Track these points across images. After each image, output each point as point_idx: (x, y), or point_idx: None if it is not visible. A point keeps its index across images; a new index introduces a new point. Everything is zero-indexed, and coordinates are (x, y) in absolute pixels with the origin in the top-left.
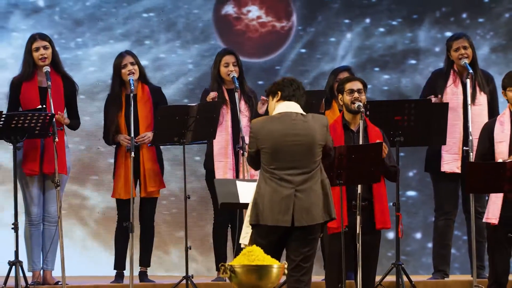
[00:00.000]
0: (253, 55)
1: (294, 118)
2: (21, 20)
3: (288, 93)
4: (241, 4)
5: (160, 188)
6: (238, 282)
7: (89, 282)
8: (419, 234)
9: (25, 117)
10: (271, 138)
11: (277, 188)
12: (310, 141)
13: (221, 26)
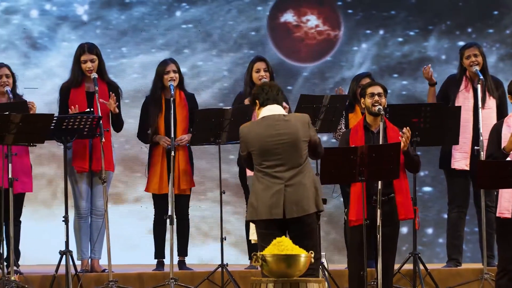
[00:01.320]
0: (307, 60)
1: (277, 119)
2: (71, 31)
3: (263, 99)
4: (300, 13)
5: (190, 186)
6: (268, 270)
7: (133, 270)
8: (433, 227)
9: (74, 120)
10: (258, 140)
11: (268, 184)
12: (294, 139)
13: (279, 32)
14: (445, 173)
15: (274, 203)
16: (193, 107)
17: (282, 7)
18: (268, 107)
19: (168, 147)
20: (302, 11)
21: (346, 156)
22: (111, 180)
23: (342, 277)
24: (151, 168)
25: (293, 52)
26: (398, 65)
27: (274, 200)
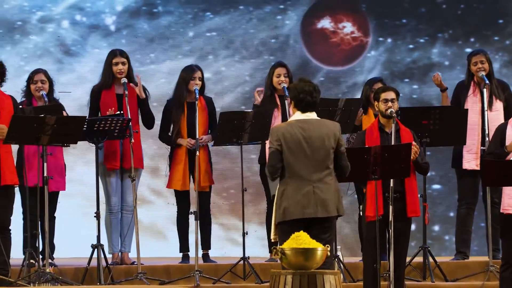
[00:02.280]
0: (338, 64)
1: (310, 123)
2: (102, 39)
3: (300, 102)
4: (337, 20)
5: (210, 184)
6: (287, 262)
7: (160, 262)
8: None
9: (105, 122)
10: (292, 142)
11: (298, 186)
12: (323, 144)
13: (315, 37)
14: (456, 172)
15: (306, 203)
16: (212, 110)
17: (319, 14)
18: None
19: (192, 147)
20: (339, 18)
21: (360, 155)
22: (140, 176)
23: (357, 269)
24: (174, 167)
25: (327, 56)
26: (408, 71)
27: (305, 201)
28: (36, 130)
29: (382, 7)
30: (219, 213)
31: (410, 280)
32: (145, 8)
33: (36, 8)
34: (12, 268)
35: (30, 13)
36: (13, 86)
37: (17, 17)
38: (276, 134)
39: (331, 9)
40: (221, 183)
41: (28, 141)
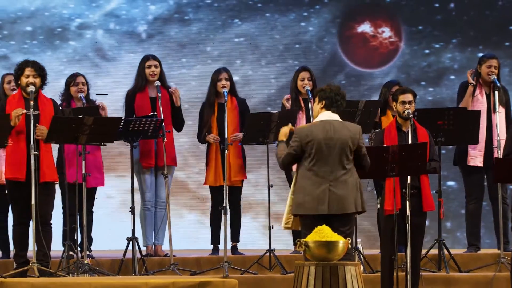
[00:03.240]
0: (373, 66)
1: (333, 124)
2: (136, 44)
3: (331, 104)
4: (377, 25)
5: (242, 178)
6: (311, 254)
7: (192, 254)
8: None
9: (140, 122)
10: (314, 141)
11: (315, 182)
12: (344, 145)
13: (355, 41)
14: (460, 169)
15: (321, 200)
16: (244, 110)
17: (360, 19)
18: (327, 112)
19: (221, 146)
20: (378, 23)
21: (379, 154)
22: (173, 173)
23: (376, 261)
24: (208, 164)
25: (365, 60)
26: (424, 74)
27: (321, 197)
28: (75, 130)
29: (401, 15)
30: (247, 207)
31: (426, 271)
32: (177, 15)
33: (75, 15)
34: (53, 259)
35: (69, 21)
36: (53, 89)
37: (57, 24)
38: (299, 135)
39: (370, 14)
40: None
41: (67, 141)
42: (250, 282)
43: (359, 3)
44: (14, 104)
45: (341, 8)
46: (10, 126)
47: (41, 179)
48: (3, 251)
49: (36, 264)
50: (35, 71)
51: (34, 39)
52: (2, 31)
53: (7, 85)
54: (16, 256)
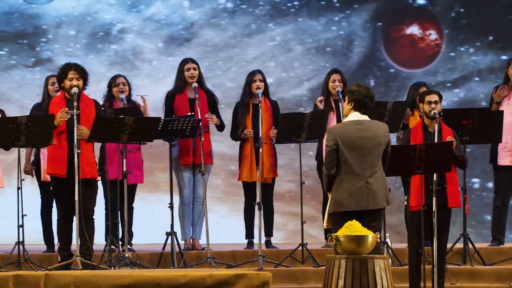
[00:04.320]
0: (415, 67)
1: (364, 123)
2: (175, 47)
3: (360, 106)
4: (424, 28)
5: (274, 176)
6: (341, 248)
7: (228, 248)
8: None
9: (178, 122)
10: (346, 140)
11: (353, 180)
12: (375, 143)
13: (402, 43)
14: (493, 167)
15: (360, 196)
16: (276, 112)
17: (408, 21)
18: (356, 113)
19: (256, 144)
20: (425, 25)
21: (406, 152)
22: (210, 171)
23: (403, 255)
24: (242, 161)
25: (409, 60)
26: (450, 76)
27: (359, 194)
28: (116, 129)
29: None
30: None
31: (451, 264)
32: (213, 20)
33: (116, 20)
34: (95, 253)
35: (111, 25)
36: (95, 91)
37: (100, 28)
38: (333, 134)
39: (419, 17)
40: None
41: (109, 140)
42: (283, 275)
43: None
44: (58, 105)
45: (370, 13)
46: (54, 126)
47: (81, 175)
48: (48, 245)
49: (79, 257)
50: (78, 74)
51: (78, 43)
52: (47, 35)
53: (51, 86)
54: (60, 249)
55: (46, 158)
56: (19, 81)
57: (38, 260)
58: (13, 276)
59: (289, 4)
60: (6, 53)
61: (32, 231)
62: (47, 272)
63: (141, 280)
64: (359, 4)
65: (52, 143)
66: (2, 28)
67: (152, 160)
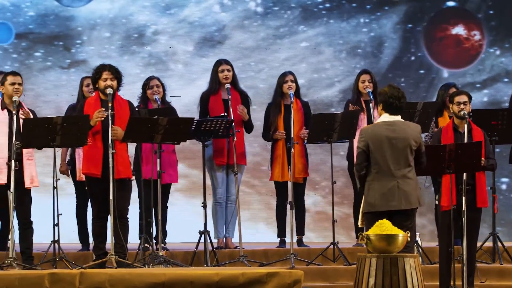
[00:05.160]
0: (455, 66)
1: (396, 124)
2: (208, 49)
3: (387, 107)
4: (469, 28)
5: (305, 176)
6: (372, 247)
7: (260, 246)
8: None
9: (211, 122)
10: (378, 141)
11: (384, 180)
12: (407, 144)
13: (447, 42)
14: None
15: (391, 196)
16: (307, 112)
17: (453, 21)
18: (386, 115)
19: (288, 144)
20: (470, 26)
21: (436, 152)
22: (243, 171)
23: (433, 253)
24: (274, 161)
25: (452, 60)
26: (480, 77)
27: (391, 194)
28: (150, 130)
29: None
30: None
31: (481, 263)
32: (246, 22)
33: (151, 22)
34: (129, 251)
35: (145, 27)
36: (129, 92)
37: (134, 30)
38: (364, 135)
39: (464, 17)
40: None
41: (143, 140)
42: (315, 273)
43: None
44: (92, 105)
45: (401, 15)
46: (90, 126)
47: (116, 175)
48: (83, 244)
49: (114, 256)
50: (112, 74)
51: (112, 45)
52: (82, 37)
53: (85, 87)
54: (95, 248)
55: (81, 158)
56: (54, 82)
57: (73, 259)
58: (48, 274)
59: (320, 6)
60: (42, 54)
61: (68, 230)
62: (82, 270)
63: (175, 279)
64: (389, 6)
65: (87, 143)
66: (38, 30)
67: (186, 160)
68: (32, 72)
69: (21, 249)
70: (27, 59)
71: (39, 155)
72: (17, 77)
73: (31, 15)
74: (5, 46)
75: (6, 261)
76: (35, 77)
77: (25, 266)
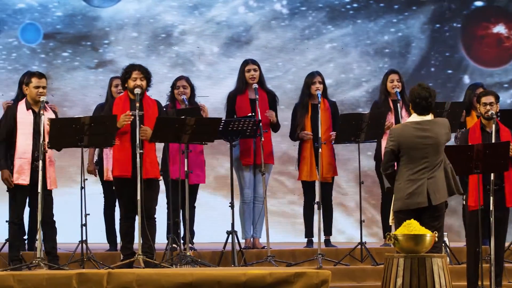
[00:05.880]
0: (493, 65)
1: (426, 123)
2: (235, 49)
3: (415, 106)
4: (510, 27)
5: (334, 175)
6: (400, 247)
7: (287, 246)
8: None
9: (238, 122)
10: (408, 140)
11: (414, 178)
12: (436, 142)
13: (486, 40)
14: None
15: (420, 194)
16: (335, 112)
17: (494, 20)
18: (416, 114)
19: (315, 145)
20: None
21: (464, 152)
22: (271, 171)
23: (461, 253)
24: (302, 161)
25: (492, 59)
26: (507, 77)
27: (419, 192)
28: (178, 130)
29: None
30: (339, 202)
31: (509, 263)
32: (274, 22)
33: (178, 22)
34: (157, 251)
35: (172, 27)
36: (157, 91)
37: (161, 30)
38: (394, 135)
39: (506, 15)
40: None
41: (170, 140)
42: (342, 273)
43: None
44: (121, 105)
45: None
46: (117, 127)
47: (144, 175)
48: (110, 244)
49: (141, 256)
50: (142, 74)
51: (140, 45)
52: (110, 37)
53: (114, 88)
54: (123, 248)
55: (108, 158)
56: (82, 82)
57: (101, 259)
58: (76, 274)
59: (348, 6)
60: (69, 54)
61: (95, 230)
62: (110, 270)
63: (202, 279)
64: (417, 6)
65: (115, 144)
66: (66, 30)
67: (214, 160)
68: (60, 72)
69: (46, 249)
70: (55, 59)
71: (65, 155)
72: (42, 79)
73: (59, 15)
74: (33, 46)
75: (34, 261)
76: (63, 77)
77: (52, 266)
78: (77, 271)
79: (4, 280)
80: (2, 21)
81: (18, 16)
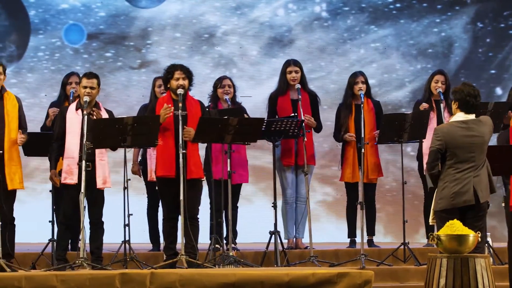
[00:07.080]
0: None
1: (471, 123)
2: (278, 49)
3: (463, 105)
4: None
5: (379, 176)
6: (443, 247)
7: (331, 246)
8: None
9: (281, 122)
10: (454, 139)
11: (460, 177)
12: (482, 141)
13: None
14: None
15: (467, 192)
16: (379, 112)
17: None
18: (461, 113)
19: (358, 145)
20: None
21: (506, 152)
22: (312, 172)
23: (505, 254)
24: (345, 162)
25: None
26: None
27: (465, 190)
28: (220, 130)
29: None
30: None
31: None
32: (316, 22)
33: (221, 22)
34: (200, 252)
35: (215, 27)
36: (199, 92)
37: (204, 31)
38: (439, 134)
39: None
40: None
41: (213, 140)
42: (385, 273)
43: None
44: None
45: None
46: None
47: (188, 176)
48: (154, 244)
49: (184, 256)
50: (184, 73)
51: (182, 45)
52: (153, 38)
53: (157, 88)
54: (166, 248)
55: (152, 158)
56: (125, 83)
57: (143, 259)
58: (119, 274)
59: (391, 6)
60: (112, 55)
61: (138, 230)
62: (153, 271)
63: (245, 279)
64: (460, 6)
65: (158, 144)
66: (109, 30)
67: (257, 160)
68: (103, 73)
69: (90, 249)
70: (98, 59)
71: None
72: (92, 80)
73: (102, 16)
74: (76, 46)
75: (77, 261)
76: (106, 78)
77: (95, 266)
78: (120, 271)
79: (47, 280)
80: (45, 22)
81: (61, 16)
